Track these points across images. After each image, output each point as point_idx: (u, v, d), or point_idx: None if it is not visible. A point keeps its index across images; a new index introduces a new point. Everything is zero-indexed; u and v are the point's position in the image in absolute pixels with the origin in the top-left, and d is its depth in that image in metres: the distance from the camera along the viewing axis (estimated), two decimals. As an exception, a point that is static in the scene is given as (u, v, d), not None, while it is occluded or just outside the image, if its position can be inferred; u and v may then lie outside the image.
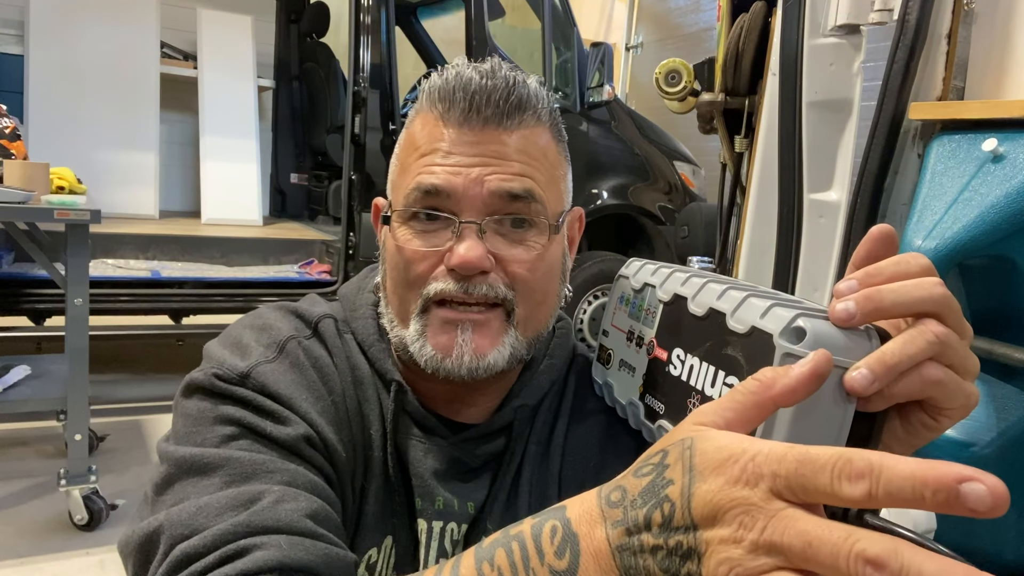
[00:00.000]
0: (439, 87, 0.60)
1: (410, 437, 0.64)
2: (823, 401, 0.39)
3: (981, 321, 1.21)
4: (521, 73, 0.61)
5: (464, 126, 0.59)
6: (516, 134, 0.59)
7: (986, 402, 1.15)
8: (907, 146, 1.32)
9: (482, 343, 0.59)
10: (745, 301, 0.45)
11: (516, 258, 0.59)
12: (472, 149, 0.58)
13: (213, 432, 0.54)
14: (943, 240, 1.06)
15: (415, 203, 0.59)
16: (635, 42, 6.48)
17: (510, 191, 0.58)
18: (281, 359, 0.60)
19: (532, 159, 0.60)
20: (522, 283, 0.60)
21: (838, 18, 1.47)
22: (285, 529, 0.49)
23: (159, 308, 3.14)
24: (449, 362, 0.58)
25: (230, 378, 0.57)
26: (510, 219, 0.59)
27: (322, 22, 4.61)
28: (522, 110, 0.60)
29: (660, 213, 3.99)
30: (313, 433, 0.57)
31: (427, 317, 0.59)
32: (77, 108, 3.71)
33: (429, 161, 0.59)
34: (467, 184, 0.58)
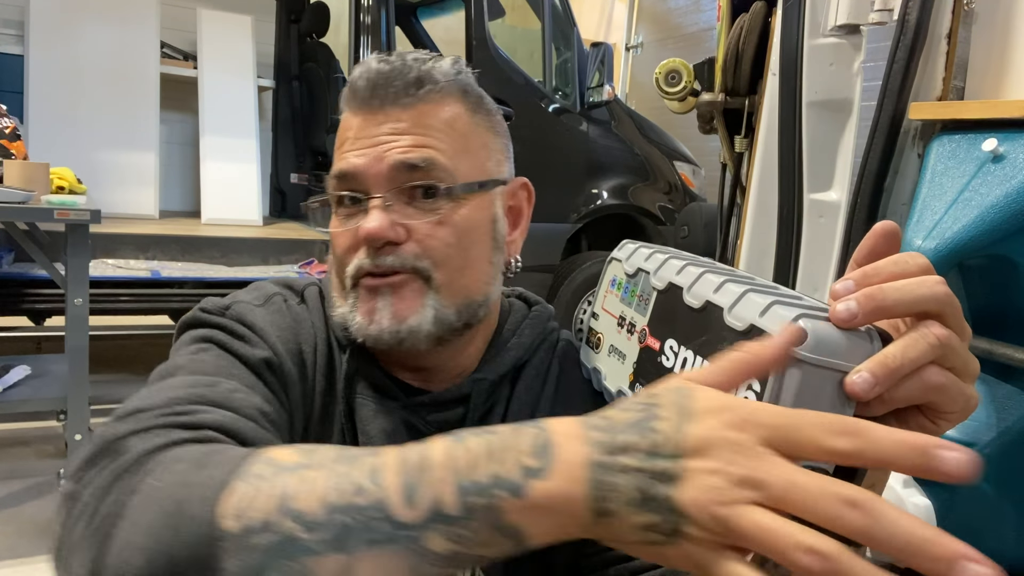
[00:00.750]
0: (349, 83, 0.63)
1: (364, 397, 0.66)
2: (821, 404, 0.38)
3: (981, 321, 1.21)
4: (430, 56, 0.63)
5: (367, 111, 0.62)
6: (415, 109, 0.61)
7: (986, 402, 1.15)
8: (907, 146, 1.32)
9: (400, 307, 0.60)
10: (744, 297, 0.44)
11: (424, 227, 0.61)
12: (374, 131, 0.61)
13: (188, 349, 0.59)
14: (943, 240, 1.06)
15: (334, 190, 0.63)
16: (635, 42, 6.47)
17: (406, 161, 0.60)
18: (265, 306, 0.64)
19: (434, 130, 0.61)
20: (435, 250, 0.61)
21: (838, 18, 1.47)
22: (235, 410, 0.51)
23: (159, 308, 3.14)
24: (373, 327, 0.60)
25: (213, 310, 0.62)
26: (419, 191, 0.61)
27: (322, 22, 4.61)
28: (419, 85, 0.61)
29: (660, 213, 3.99)
30: (276, 360, 0.60)
31: (355, 292, 0.62)
32: (77, 108, 3.71)
33: (341, 151, 0.63)
34: (369, 163, 0.60)
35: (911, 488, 1.12)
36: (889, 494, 1.11)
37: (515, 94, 3.50)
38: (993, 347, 1.11)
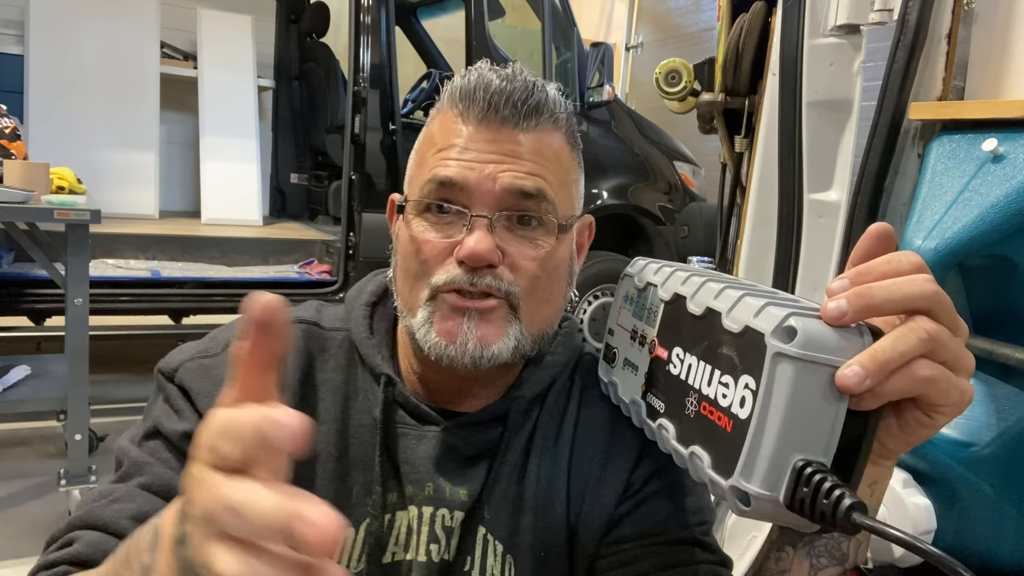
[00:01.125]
0: (460, 87, 0.62)
1: (404, 427, 0.66)
2: (814, 399, 0.39)
3: (981, 321, 1.21)
4: (541, 80, 0.64)
5: (482, 124, 0.61)
6: (531, 135, 0.61)
7: (986, 402, 1.15)
8: (907, 146, 1.32)
9: (487, 332, 0.60)
10: (740, 300, 0.45)
11: (524, 254, 0.61)
12: (488, 147, 0.60)
13: (142, 427, 0.64)
14: (943, 240, 1.06)
15: (429, 195, 0.61)
16: (635, 42, 6.47)
17: (522, 188, 0.60)
18: (222, 355, 0.65)
19: (545, 160, 0.62)
20: (528, 279, 0.61)
21: (838, 18, 1.47)
22: (102, 527, 0.57)
23: (159, 308, 3.14)
24: (453, 349, 0.60)
25: (166, 372, 0.65)
26: (520, 216, 0.61)
27: (322, 22, 4.61)
28: (539, 113, 0.62)
29: (660, 213, 3.99)
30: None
31: (434, 304, 0.61)
32: (77, 108, 3.71)
33: (445, 155, 0.61)
34: (480, 179, 0.60)
35: (911, 488, 1.12)
36: (889, 494, 1.11)
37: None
38: (993, 347, 1.11)
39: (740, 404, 0.42)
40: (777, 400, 0.39)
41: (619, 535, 0.66)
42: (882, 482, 0.48)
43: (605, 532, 0.67)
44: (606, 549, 0.67)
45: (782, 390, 0.39)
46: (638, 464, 0.68)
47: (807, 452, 0.40)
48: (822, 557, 0.51)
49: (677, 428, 0.51)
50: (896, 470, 1.13)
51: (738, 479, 0.42)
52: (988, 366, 1.17)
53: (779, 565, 0.52)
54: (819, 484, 0.39)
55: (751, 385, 0.41)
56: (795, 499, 0.40)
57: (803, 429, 0.39)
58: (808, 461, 0.40)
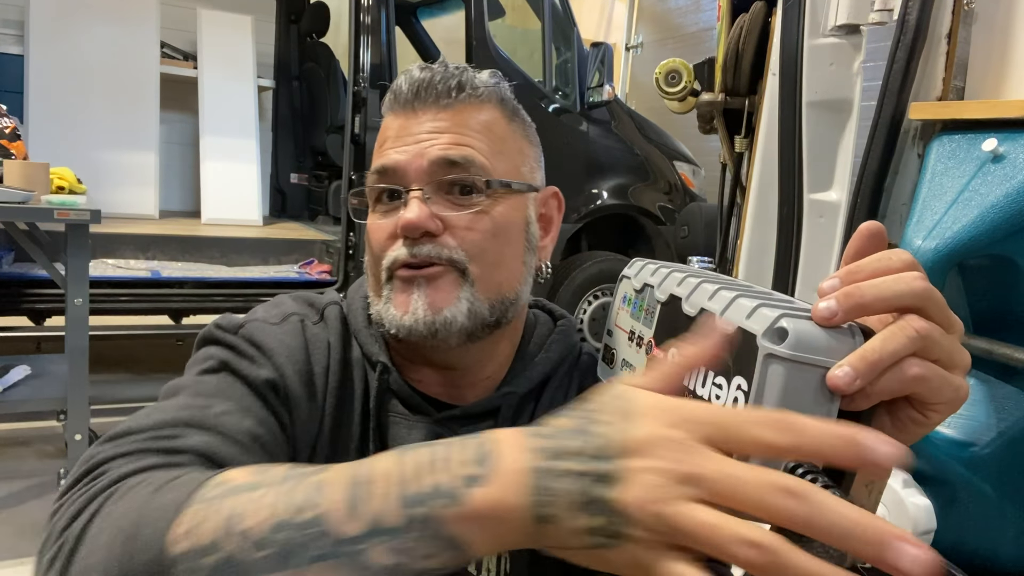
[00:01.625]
0: (391, 89, 0.67)
1: (395, 415, 0.68)
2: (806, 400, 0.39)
3: (981, 321, 1.21)
4: (471, 68, 0.67)
5: (409, 113, 0.65)
6: (454, 110, 0.64)
7: (986, 402, 1.15)
8: (907, 146, 1.32)
9: (436, 297, 0.62)
10: (734, 302, 0.45)
11: (462, 220, 0.63)
12: (416, 129, 0.64)
13: (197, 367, 0.61)
14: (943, 240, 1.06)
15: (374, 185, 0.65)
16: (635, 42, 6.47)
17: (446, 157, 0.63)
18: (281, 325, 0.66)
19: (471, 130, 0.64)
20: (472, 244, 0.63)
21: (838, 18, 1.47)
22: (221, 433, 0.54)
23: (159, 308, 3.14)
24: (408, 318, 0.62)
25: (227, 327, 0.64)
26: (457, 187, 0.63)
27: (322, 22, 4.61)
28: (460, 89, 0.65)
29: (660, 213, 3.99)
30: (281, 381, 0.61)
31: (391, 284, 0.64)
32: (77, 108, 3.71)
33: (384, 149, 0.65)
34: (409, 159, 0.63)
35: (911, 488, 1.12)
36: (889, 494, 1.11)
37: (515, 94, 3.48)
38: (993, 347, 1.11)
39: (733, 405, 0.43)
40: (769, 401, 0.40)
41: None
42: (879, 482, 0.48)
43: None
44: None
45: (773, 391, 0.39)
46: None
47: None
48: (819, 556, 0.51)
49: None
50: (896, 470, 1.13)
51: None
52: (988, 366, 1.17)
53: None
54: None
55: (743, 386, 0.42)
56: None
57: None
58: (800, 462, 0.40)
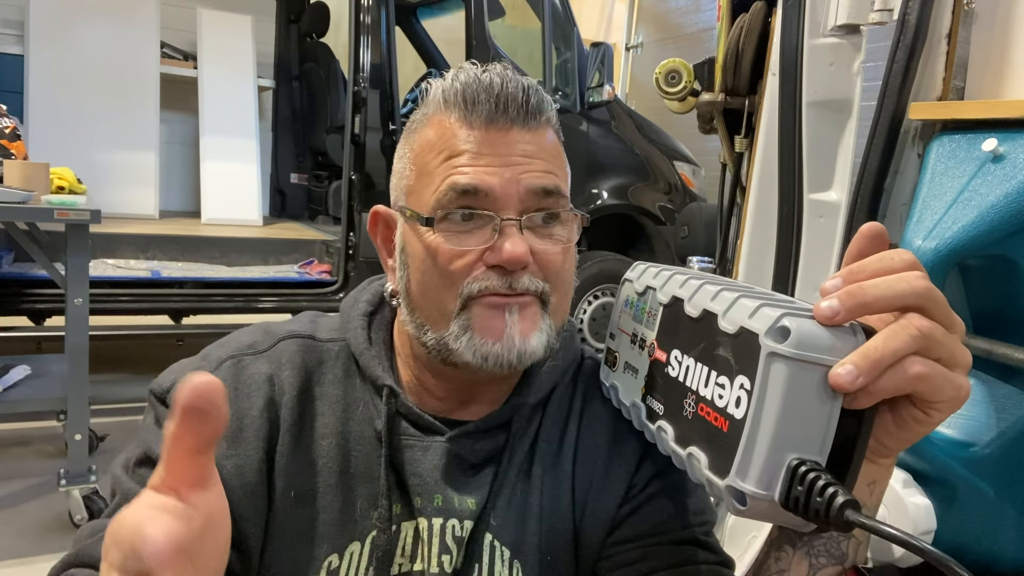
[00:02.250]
0: (459, 90, 0.61)
1: (406, 437, 0.66)
2: (809, 398, 0.39)
3: (981, 321, 1.21)
4: (528, 77, 0.64)
5: (490, 127, 0.61)
6: (536, 134, 0.62)
7: (986, 402, 1.15)
8: (907, 146, 1.32)
9: (526, 326, 0.60)
10: (736, 302, 0.46)
11: (549, 251, 0.62)
12: (501, 149, 0.60)
13: (133, 452, 0.62)
14: (943, 240, 1.06)
15: (449, 203, 0.60)
16: (635, 42, 6.47)
17: (544, 187, 0.61)
18: (216, 373, 0.62)
19: (552, 157, 0.63)
20: (555, 275, 0.62)
21: (838, 18, 1.47)
22: (95, 565, 0.54)
23: (159, 308, 3.14)
24: (499, 346, 0.60)
25: (157, 393, 0.64)
26: (542, 215, 0.62)
27: (322, 22, 4.61)
28: (541, 112, 0.63)
29: (660, 213, 3.99)
30: None
31: (468, 313, 0.60)
32: (77, 108, 3.71)
33: (458, 163, 0.60)
34: (503, 183, 0.60)
35: (911, 488, 1.12)
36: (889, 494, 1.11)
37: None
38: (993, 347, 1.11)
39: (736, 404, 0.42)
40: (771, 399, 0.40)
41: (621, 536, 0.66)
42: (881, 481, 0.48)
43: (608, 534, 0.67)
44: (608, 550, 0.67)
45: (776, 389, 0.40)
46: (639, 467, 0.68)
47: (802, 451, 0.40)
48: (821, 556, 0.51)
49: (676, 430, 0.51)
50: (896, 470, 1.13)
51: (734, 479, 0.42)
52: (988, 366, 1.17)
53: (778, 564, 0.52)
54: (813, 482, 0.39)
55: (746, 385, 0.42)
56: (790, 498, 0.40)
57: (797, 428, 0.40)
58: (803, 460, 0.40)
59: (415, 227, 0.63)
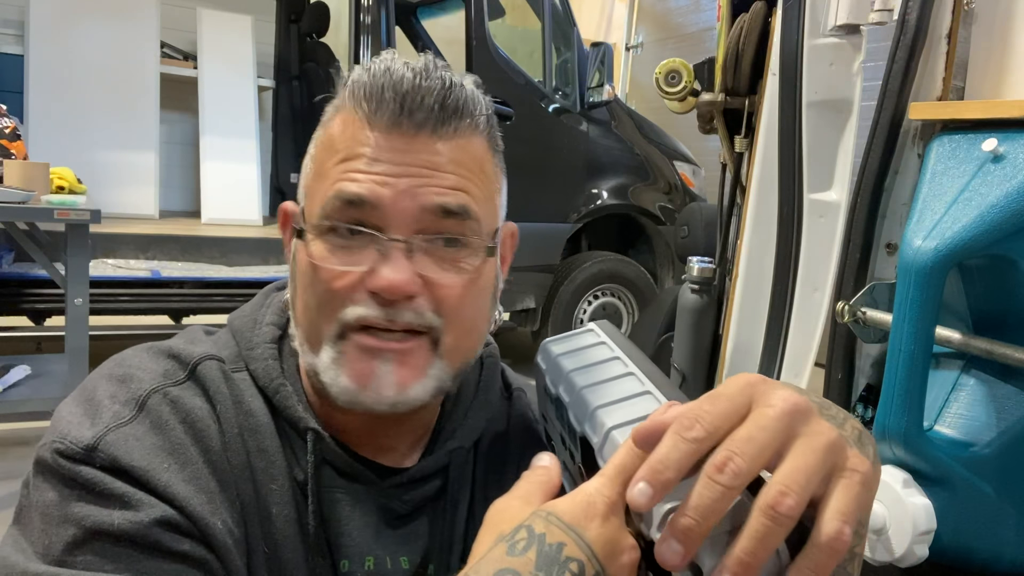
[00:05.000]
0: (366, 84, 0.52)
1: (333, 490, 0.56)
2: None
3: (981, 321, 1.21)
4: (456, 74, 0.54)
5: (393, 131, 0.52)
6: (451, 143, 0.53)
7: (986, 402, 1.15)
8: (907, 146, 1.32)
9: (404, 375, 0.52)
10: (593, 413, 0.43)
11: (447, 282, 0.53)
12: (402, 157, 0.51)
13: (59, 536, 0.46)
14: (943, 240, 1.06)
15: (334, 214, 0.52)
16: (635, 42, 6.47)
17: (444, 206, 0.52)
18: (140, 419, 0.50)
19: (469, 172, 0.53)
20: (451, 309, 0.53)
21: (838, 18, 1.47)
22: None
23: (159, 308, 3.14)
24: (366, 395, 0.52)
25: (74, 454, 0.47)
26: (442, 238, 0.53)
27: (322, 22, 4.61)
28: (459, 116, 0.53)
29: (660, 213, 3.99)
30: (173, 513, 0.47)
31: (343, 344, 0.52)
32: (77, 108, 3.71)
33: (351, 167, 0.52)
34: (396, 196, 0.51)
35: (911, 488, 1.12)
36: (889, 494, 1.11)
37: (515, 94, 3.50)
38: (993, 347, 1.11)
39: None
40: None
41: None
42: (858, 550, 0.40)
43: None
44: None
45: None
46: None
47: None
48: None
49: None
50: (896, 470, 1.13)
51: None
52: (988, 366, 1.17)
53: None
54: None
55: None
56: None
57: None
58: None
59: (302, 235, 0.54)
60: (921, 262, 1.07)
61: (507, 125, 3.42)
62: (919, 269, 1.07)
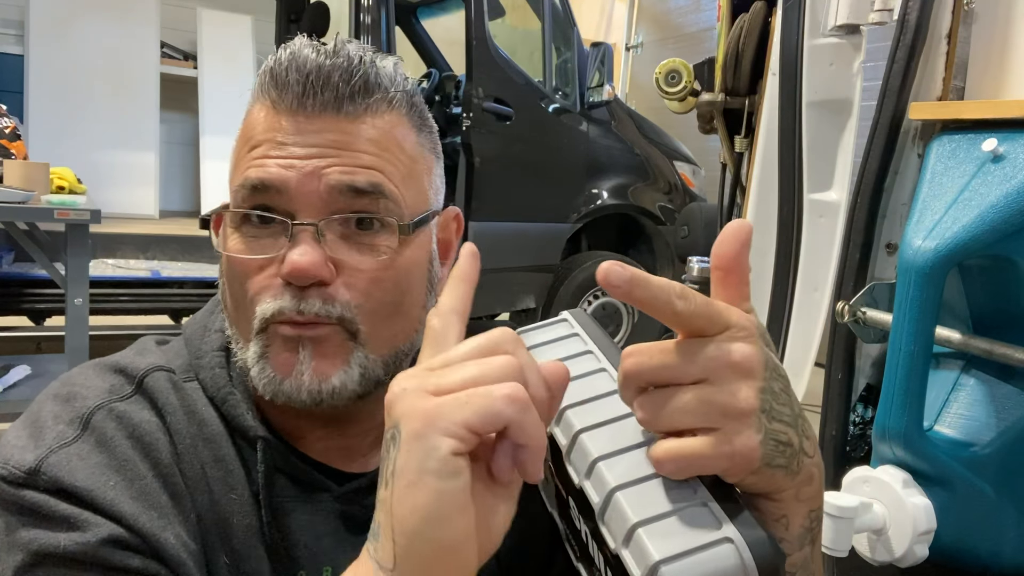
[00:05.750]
0: (270, 69, 0.51)
1: (291, 500, 0.55)
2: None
3: (981, 321, 1.21)
4: (373, 53, 0.53)
5: (299, 113, 0.50)
6: (361, 121, 0.51)
7: (986, 402, 1.15)
8: (907, 146, 1.32)
9: (322, 365, 0.50)
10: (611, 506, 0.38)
11: (360, 265, 0.51)
12: (308, 139, 0.50)
13: (8, 563, 0.46)
14: (943, 240, 1.06)
15: (244, 202, 0.51)
16: (635, 42, 6.47)
17: (352, 185, 0.50)
18: (85, 438, 0.49)
19: (381, 149, 0.52)
20: (367, 295, 0.51)
21: (838, 18, 1.47)
22: None
23: (159, 308, 3.14)
24: (288, 384, 0.50)
25: (16, 478, 0.47)
26: (354, 219, 0.51)
27: (322, 22, 4.60)
28: (368, 93, 0.51)
29: (660, 213, 3.99)
30: (120, 531, 0.46)
31: (266, 336, 0.51)
32: (77, 108, 3.71)
33: (259, 154, 0.51)
34: (301, 179, 0.49)
35: (911, 488, 1.12)
36: (889, 494, 1.11)
37: (515, 94, 3.50)
38: (993, 347, 1.11)
39: None
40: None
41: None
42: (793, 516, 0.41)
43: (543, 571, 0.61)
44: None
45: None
46: None
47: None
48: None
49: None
50: (896, 470, 1.13)
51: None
52: (988, 366, 1.17)
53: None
54: None
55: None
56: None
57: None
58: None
59: (223, 228, 0.53)
60: (921, 262, 1.07)
61: (507, 125, 3.42)
62: (919, 269, 1.07)
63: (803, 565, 0.43)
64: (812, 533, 0.42)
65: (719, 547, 0.35)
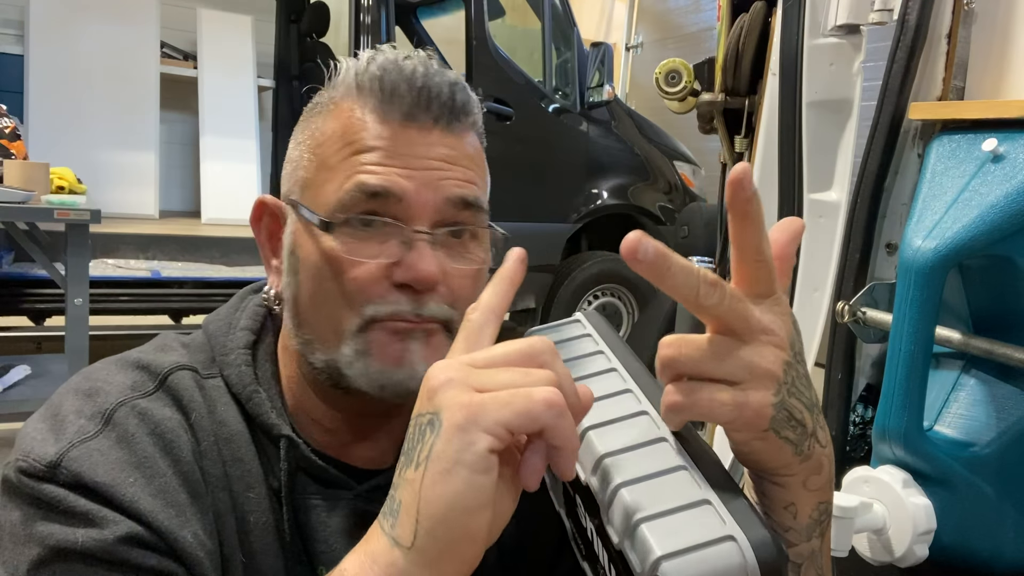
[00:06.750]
0: (375, 76, 0.53)
1: (309, 497, 0.55)
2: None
3: (981, 321, 1.21)
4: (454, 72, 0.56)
5: (409, 124, 0.52)
6: (461, 138, 0.55)
7: (986, 402, 1.15)
8: (907, 146, 1.31)
9: (430, 355, 0.52)
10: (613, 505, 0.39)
11: (461, 273, 0.54)
12: (421, 150, 0.52)
13: (24, 556, 0.46)
14: (943, 240, 1.06)
15: (355, 206, 0.52)
16: (635, 42, 6.47)
17: (464, 198, 0.53)
18: (106, 433, 0.49)
19: (476, 165, 0.56)
20: (464, 300, 0.52)
21: (838, 18, 1.47)
22: None
23: (159, 308, 3.14)
24: (401, 373, 0.52)
25: (37, 471, 0.47)
26: (460, 230, 0.54)
27: (322, 22, 4.61)
28: (467, 112, 0.55)
29: (660, 213, 3.99)
30: (139, 528, 0.47)
31: (367, 336, 0.52)
32: (77, 108, 3.71)
33: (369, 160, 0.52)
34: (419, 188, 0.52)
35: (911, 488, 1.12)
36: (889, 494, 1.11)
37: (515, 94, 3.50)
38: (993, 347, 1.11)
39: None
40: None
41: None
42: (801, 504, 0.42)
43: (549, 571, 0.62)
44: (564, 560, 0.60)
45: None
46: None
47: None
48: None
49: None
50: (896, 470, 1.13)
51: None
52: (988, 366, 1.17)
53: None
54: None
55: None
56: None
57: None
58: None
59: (310, 228, 0.53)
60: (921, 262, 1.07)
61: (507, 125, 3.42)
62: (919, 269, 1.07)
63: (811, 557, 0.43)
64: (821, 527, 0.43)
65: (722, 545, 0.35)
